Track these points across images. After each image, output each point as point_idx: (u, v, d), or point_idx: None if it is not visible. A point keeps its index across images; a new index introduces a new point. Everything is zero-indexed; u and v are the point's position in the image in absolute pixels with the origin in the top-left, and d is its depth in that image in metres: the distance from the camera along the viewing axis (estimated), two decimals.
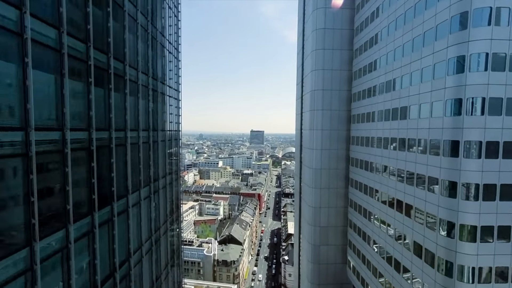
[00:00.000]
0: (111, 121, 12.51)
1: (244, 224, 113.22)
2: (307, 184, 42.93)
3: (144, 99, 16.12)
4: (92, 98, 10.96)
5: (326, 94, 39.52)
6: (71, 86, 9.78)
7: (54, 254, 9.15)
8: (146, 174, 16.74)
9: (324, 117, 39.68)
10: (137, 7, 14.98)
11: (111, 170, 12.65)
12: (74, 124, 10.10)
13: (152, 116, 17.19)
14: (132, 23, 14.55)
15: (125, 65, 13.70)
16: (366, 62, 34.00)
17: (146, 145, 16.56)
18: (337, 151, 40.15)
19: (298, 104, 51.72)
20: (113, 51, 12.59)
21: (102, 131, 12.00)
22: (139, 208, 15.82)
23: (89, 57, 10.83)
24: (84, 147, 10.78)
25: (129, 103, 14.11)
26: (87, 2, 10.66)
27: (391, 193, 27.99)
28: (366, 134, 33.64)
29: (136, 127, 15.26)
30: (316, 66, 39.77)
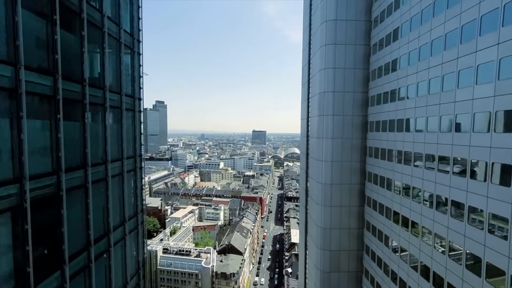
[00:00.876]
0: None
1: (245, 231, 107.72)
2: (314, 200, 37.20)
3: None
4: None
5: (338, 96, 33.74)
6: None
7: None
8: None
9: (336, 123, 33.89)
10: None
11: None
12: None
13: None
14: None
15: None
16: (388, 59, 28.19)
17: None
18: (350, 163, 34.37)
19: (303, 107, 45.94)
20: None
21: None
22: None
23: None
24: None
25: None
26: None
27: (417, 219, 22.32)
28: (388, 146, 27.84)
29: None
30: (326, 64, 33.99)
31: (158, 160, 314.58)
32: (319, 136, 35.57)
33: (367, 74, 33.45)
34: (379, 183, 29.81)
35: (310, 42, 41.78)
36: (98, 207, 12.05)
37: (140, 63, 14.92)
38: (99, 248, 12.08)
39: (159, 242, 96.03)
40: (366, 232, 33.53)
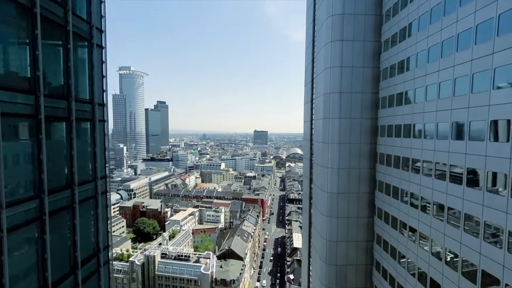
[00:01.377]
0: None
1: (245, 235, 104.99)
2: (319, 210, 34.36)
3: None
4: None
5: (345, 98, 30.86)
6: None
7: None
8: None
9: (342, 127, 31.02)
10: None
11: None
12: None
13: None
14: None
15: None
16: (403, 56, 25.30)
17: None
18: (358, 170, 31.50)
19: (306, 109, 43.11)
20: None
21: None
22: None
23: None
24: None
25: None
26: None
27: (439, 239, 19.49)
28: (403, 153, 24.95)
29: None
30: (332, 63, 31.13)
31: (159, 161, 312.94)
32: (324, 141, 32.72)
33: (377, 73, 30.57)
34: (392, 194, 26.93)
35: (314, 39, 38.94)
36: (27, 259, 8.84)
37: (103, 58, 11.90)
38: None
39: (157, 246, 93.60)
40: (376, 246, 30.66)
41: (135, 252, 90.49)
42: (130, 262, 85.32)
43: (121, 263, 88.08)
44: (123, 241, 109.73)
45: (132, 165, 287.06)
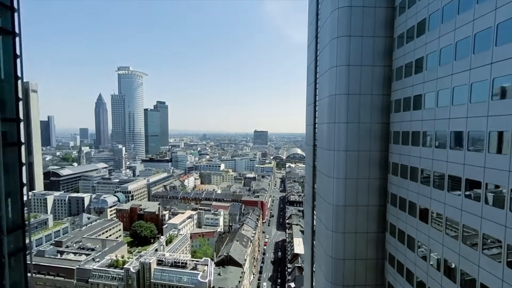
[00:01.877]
0: None
1: (245, 240, 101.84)
2: (323, 224, 31.14)
3: None
4: None
5: (353, 100, 27.65)
6: None
7: None
8: None
9: (350, 132, 27.81)
10: None
11: None
12: None
13: None
14: None
15: None
16: (421, 53, 22.08)
17: None
18: (368, 181, 28.29)
19: (309, 112, 39.88)
20: None
21: None
22: None
23: None
24: None
25: None
26: None
27: (466, 268, 16.34)
28: (423, 165, 21.72)
29: None
30: (338, 61, 27.91)
31: (158, 162, 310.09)
32: (329, 148, 29.51)
33: (389, 72, 27.36)
34: (408, 210, 23.72)
35: (317, 35, 35.71)
36: None
37: (15, 47, 8.78)
38: None
39: (153, 252, 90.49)
40: (389, 267, 27.47)
41: (131, 259, 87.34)
42: (125, 270, 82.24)
43: (116, 270, 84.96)
44: (119, 246, 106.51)
45: (131, 166, 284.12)
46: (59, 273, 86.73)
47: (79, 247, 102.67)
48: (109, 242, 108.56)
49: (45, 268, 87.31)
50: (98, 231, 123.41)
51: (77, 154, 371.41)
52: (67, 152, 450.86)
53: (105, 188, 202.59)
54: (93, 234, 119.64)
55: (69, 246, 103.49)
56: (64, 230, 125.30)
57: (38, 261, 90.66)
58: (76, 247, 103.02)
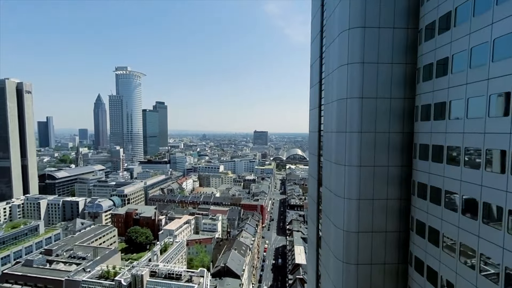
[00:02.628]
0: None
1: (243, 248, 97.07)
2: (332, 252, 26.32)
3: None
4: None
5: (368, 105, 22.89)
6: None
7: None
8: None
9: (364, 144, 23.05)
10: None
11: None
12: None
13: None
14: None
15: None
16: (460, 47, 17.31)
17: None
18: (386, 202, 23.52)
19: (313, 117, 35.05)
20: None
21: None
22: None
23: None
24: None
25: None
26: None
27: None
28: (465, 191, 16.90)
29: None
30: (350, 58, 23.14)
31: (156, 164, 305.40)
32: (339, 161, 24.73)
33: (412, 72, 22.60)
34: (442, 245, 18.89)
35: (322, 29, 30.95)
36: None
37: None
38: None
39: (147, 262, 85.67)
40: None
41: (123, 269, 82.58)
42: (116, 282, 77.49)
43: (107, 282, 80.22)
44: (112, 254, 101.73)
45: (129, 168, 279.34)
46: (47, 284, 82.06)
47: (69, 256, 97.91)
48: (102, 250, 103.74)
49: (33, 279, 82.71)
50: (91, 238, 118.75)
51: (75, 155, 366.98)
52: (65, 153, 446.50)
53: (101, 191, 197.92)
54: (86, 241, 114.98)
55: (60, 254, 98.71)
56: (56, 236, 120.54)
57: (25, 271, 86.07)
58: (67, 255, 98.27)
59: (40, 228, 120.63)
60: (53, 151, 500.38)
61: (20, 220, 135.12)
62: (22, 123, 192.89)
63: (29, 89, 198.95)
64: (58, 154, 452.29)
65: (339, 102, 24.52)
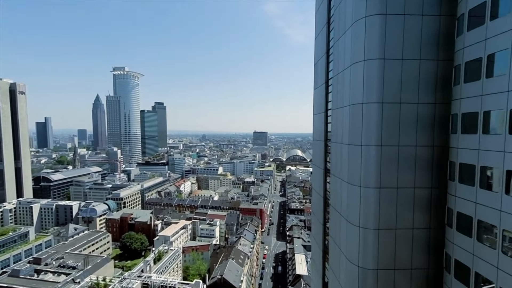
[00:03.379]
0: None
1: (241, 256, 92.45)
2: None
3: None
4: None
5: (390, 111, 18.29)
6: None
7: None
8: None
9: (385, 160, 18.44)
10: None
11: None
12: None
13: None
14: None
15: None
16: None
17: None
18: (411, 232, 18.93)
19: (317, 123, 30.35)
20: None
21: None
22: None
23: None
24: None
25: None
26: None
27: None
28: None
29: None
30: (366, 53, 18.53)
31: (154, 165, 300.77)
32: (352, 181, 20.11)
33: (446, 70, 18.00)
34: (501, 246, 14.17)
35: (329, 20, 26.32)
36: None
37: None
38: None
39: (139, 273, 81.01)
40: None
41: (113, 282, 77.90)
42: None
43: None
44: (104, 262, 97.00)
45: (126, 170, 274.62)
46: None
47: (59, 265, 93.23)
48: (93, 259, 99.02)
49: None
50: (84, 245, 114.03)
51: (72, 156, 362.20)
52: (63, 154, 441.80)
53: (97, 194, 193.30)
54: (78, 248, 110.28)
55: (49, 263, 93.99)
56: (47, 243, 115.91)
57: (11, 282, 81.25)
58: (56, 264, 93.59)
59: (30, 234, 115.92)
60: (51, 152, 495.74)
61: (9, 226, 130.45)
62: (16, 125, 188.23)
63: (22, 89, 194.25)
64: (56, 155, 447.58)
65: (352, 108, 19.89)
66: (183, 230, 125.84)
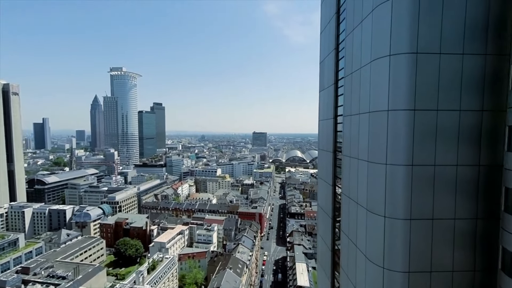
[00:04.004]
0: None
1: (240, 266, 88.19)
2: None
3: None
4: None
5: (423, 121, 14.14)
6: None
7: None
8: None
9: (417, 184, 14.28)
10: None
11: None
12: None
13: None
14: None
15: None
16: None
17: None
18: (451, 275, 14.70)
19: (325, 130, 26.09)
20: None
21: None
22: None
23: None
24: None
25: None
26: None
27: None
28: None
29: None
30: (393, 45, 14.35)
31: (151, 167, 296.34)
32: (372, 208, 15.92)
33: (498, 68, 13.84)
34: None
35: (339, 9, 22.13)
36: None
37: None
38: None
39: (131, 285, 76.76)
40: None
41: None
42: None
43: None
44: (96, 271, 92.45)
45: (123, 172, 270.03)
46: None
47: (48, 275, 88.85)
48: (85, 268, 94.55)
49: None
50: (76, 252, 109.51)
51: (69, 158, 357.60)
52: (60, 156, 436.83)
53: (92, 197, 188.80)
54: (70, 255, 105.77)
55: (37, 273, 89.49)
56: (38, 250, 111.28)
57: None
58: (45, 274, 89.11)
59: (20, 241, 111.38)
60: (49, 153, 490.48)
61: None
62: (9, 126, 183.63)
63: (16, 90, 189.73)
64: (53, 156, 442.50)
65: (373, 116, 15.71)
66: (179, 235, 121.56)
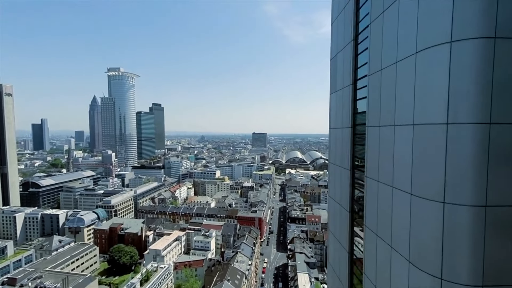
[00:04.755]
0: None
1: (238, 276, 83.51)
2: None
3: None
4: None
5: (503, 140, 9.32)
6: None
7: None
8: None
9: (492, 233, 9.49)
10: None
11: None
12: None
13: None
14: None
15: None
16: None
17: None
18: None
19: (337, 142, 21.30)
20: None
21: None
22: None
23: None
24: None
25: None
26: None
27: None
28: None
29: None
30: (455, 27, 9.62)
31: (149, 169, 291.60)
32: (415, 261, 11.10)
33: None
34: None
35: None
36: None
37: None
38: None
39: None
40: None
41: None
42: None
43: None
44: (87, 282, 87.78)
45: (120, 174, 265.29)
46: None
47: (35, 286, 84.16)
48: (75, 278, 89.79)
49: None
50: (67, 260, 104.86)
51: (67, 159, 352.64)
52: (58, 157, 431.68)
53: (88, 201, 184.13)
54: (61, 264, 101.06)
55: (24, 284, 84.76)
56: (27, 258, 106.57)
57: None
58: (33, 286, 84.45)
59: (8, 249, 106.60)
60: (47, 154, 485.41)
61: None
62: (2, 128, 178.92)
63: (9, 91, 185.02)
64: (51, 157, 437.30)
65: (421, 131, 10.94)
66: (176, 242, 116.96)
